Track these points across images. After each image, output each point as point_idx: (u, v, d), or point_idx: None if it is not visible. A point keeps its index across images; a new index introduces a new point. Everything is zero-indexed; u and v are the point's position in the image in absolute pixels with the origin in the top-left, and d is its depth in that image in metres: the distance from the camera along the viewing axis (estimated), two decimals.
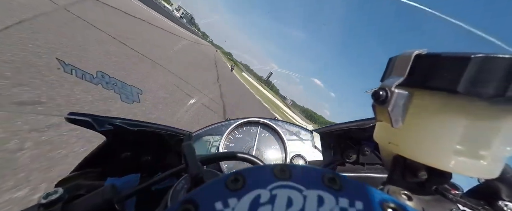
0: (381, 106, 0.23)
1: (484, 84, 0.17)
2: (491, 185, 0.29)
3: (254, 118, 0.67)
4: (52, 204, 0.26)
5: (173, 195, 0.28)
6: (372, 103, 0.25)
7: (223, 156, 0.39)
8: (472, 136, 0.19)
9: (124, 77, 2.95)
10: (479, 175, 0.22)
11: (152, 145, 0.61)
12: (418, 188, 0.25)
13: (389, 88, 0.22)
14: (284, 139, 0.62)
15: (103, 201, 0.27)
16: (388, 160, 0.27)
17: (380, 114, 0.25)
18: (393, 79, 0.22)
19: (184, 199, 0.15)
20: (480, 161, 0.19)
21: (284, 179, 0.16)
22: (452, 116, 0.19)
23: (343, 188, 0.16)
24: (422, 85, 0.20)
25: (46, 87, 1.80)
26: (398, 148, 0.23)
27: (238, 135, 0.65)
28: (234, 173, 0.17)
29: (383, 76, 0.25)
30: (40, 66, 2.03)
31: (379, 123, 0.27)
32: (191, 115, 3.34)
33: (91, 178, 0.54)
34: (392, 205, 0.15)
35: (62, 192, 0.28)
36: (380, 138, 0.26)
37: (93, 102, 2.09)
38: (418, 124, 0.21)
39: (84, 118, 0.47)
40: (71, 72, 0.37)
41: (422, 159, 0.21)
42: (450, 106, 0.19)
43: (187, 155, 0.27)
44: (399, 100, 0.21)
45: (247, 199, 0.15)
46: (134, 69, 3.65)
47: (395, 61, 0.23)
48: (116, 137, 0.56)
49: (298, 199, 0.15)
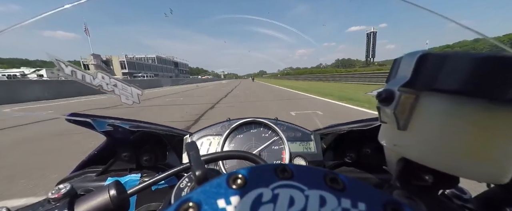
0: (385, 107, 0.22)
1: (493, 85, 0.16)
2: (500, 191, 0.28)
3: (254, 119, 0.66)
4: (60, 199, 0.27)
5: (176, 193, 0.28)
6: (377, 104, 0.24)
7: (225, 155, 0.39)
8: (481, 139, 0.18)
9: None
10: (487, 180, 0.21)
11: (152, 145, 0.61)
12: (423, 191, 0.24)
13: (393, 89, 0.21)
14: (284, 140, 0.62)
15: (110, 197, 0.28)
16: (393, 162, 0.26)
17: (385, 115, 0.24)
18: (397, 80, 0.22)
19: (187, 197, 0.15)
20: (489, 165, 0.19)
21: (286, 178, 0.16)
22: (460, 118, 0.18)
23: (345, 189, 0.16)
24: (427, 87, 0.19)
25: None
26: (403, 150, 0.23)
27: (239, 135, 0.65)
28: (236, 172, 0.17)
29: (388, 77, 0.25)
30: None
31: (384, 124, 0.26)
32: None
33: (91, 178, 0.54)
34: (395, 207, 0.15)
35: (70, 187, 0.29)
36: (385, 140, 0.26)
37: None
38: (424, 127, 0.20)
39: (84, 119, 0.47)
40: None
41: (429, 163, 0.21)
42: (458, 108, 0.18)
43: (191, 153, 0.26)
44: (404, 102, 0.21)
45: (249, 197, 0.15)
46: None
47: (400, 62, 0.23)
48: (116, 138, 0.56)
49: (300, 199, 0.15)
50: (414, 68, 0.20)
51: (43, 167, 2.22)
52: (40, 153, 2.68)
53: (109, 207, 0.27)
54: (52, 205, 0.27)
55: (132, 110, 5.48)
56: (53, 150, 2.80)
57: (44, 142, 3.17)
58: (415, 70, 0.20)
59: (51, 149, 2.82)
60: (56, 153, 2.68)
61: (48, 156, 2.56)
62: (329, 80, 31.18)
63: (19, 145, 3.05)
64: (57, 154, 2.64)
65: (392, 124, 0.23)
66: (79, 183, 0.53)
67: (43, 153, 2.66)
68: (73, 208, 0.27)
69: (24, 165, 2.29)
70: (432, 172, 0.22)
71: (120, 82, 0.47)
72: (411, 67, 0.20)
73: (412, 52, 0.21)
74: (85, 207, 0.27)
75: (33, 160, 2.44)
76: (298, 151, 0.62)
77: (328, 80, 31.43)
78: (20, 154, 2.67)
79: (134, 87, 0.48)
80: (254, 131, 0.66)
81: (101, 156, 0.58)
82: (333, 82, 27.49)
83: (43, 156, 2.57)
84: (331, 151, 0.67)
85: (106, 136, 0.55)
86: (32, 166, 2.26)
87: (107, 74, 0.45)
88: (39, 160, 2.43)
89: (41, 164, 2.32)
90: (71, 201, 0.27)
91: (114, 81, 0.46)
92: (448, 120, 0.19)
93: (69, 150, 2.74)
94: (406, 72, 0.21)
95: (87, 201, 0.28)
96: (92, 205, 0.27)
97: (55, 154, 2.63)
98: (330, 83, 26.74)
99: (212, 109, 6.04)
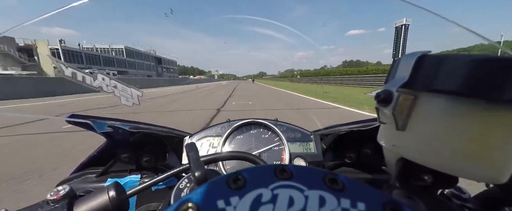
0: (384, 108, 0.23)
1: (491, 86, 0.16)
2: (499, 191, 0.28)
3: (254, 119, 0.66)
4: (59, 200, 0.27)
5: (176, 194, 0.28)
6: (375, 105, 0.24)
7: (225, 156, 0.39)
8: (479, 139, 0.18)
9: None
10: (486, 180, 0.21)
11: (152, 147, 0.61)
12: (423, 191, 0.25)
13: (392, 90, 0.22)
14: (284, 140, 0.62)
15: (109, 198, 0.28)
16: (392, 162, 0.26)
17: (384, 116, 0.24)
18: (396, 81, 0.22)
19: (186, 198, 0.15)
20: (487, 165, 0.19)
21: (285, 179, 0.16)
22: (458, 119, 0.19)
23: (345, 189, 0.16)
24: (426, 88, 0.20)
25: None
26: (402, 151, 0.23)
27: (239, 136, 0.65)
28: (235, 172, 0.17)
29: (386, 79, 0.25)
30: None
31: (382, 125, 0.26)
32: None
33: (91, 179, 0.54)
34: (395, 207, 0.15)
35: (69, 189, 0.29)
36: (384, 140, 0.26)
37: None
38: (423, 127, 0.21)
39: (84, 120, 0.47)
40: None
41: (428, 163, 0.21)
42: (456, 109, 0.19)
43: (191, 154, 0.27)
44: (403, 103, 0.21)
45: (249, 198, 0.15)
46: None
47: (398, 63, 0.23)
48: (116, 139, 0.56)
49: (299, 199, 0.15)
50: (413, 69, 0.20)
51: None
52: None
53: (108, 208, 0.28)
54: (51, 207, 0.27)
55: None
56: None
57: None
58: (413, 71, 0.20)
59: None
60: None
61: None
62: (336, 84, 26.23)
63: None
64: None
65: (391, 124, 0.23)
66: (78, 184, 0.52)
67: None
68: (72, 209, 0.27)
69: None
70: (431, 172, 0.23)
71: (120, 83, 0.47)
72: (410, 68, 0.21)
73: (411, 53, 0.21)
74: (84, 208, 0.27)
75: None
76: (298, 151, 0.62)
77: (336, 83, 26.58)
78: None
79: (134, 89, 0.48)
80: (254, 132, 0.66)
81: (101, 157, 0.58)
82: (346, 86, 21.18)
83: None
84: (330, 152, 0.67)
85: (106, 137, 0.55)
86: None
87: (107, 76, 0.46)
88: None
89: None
90: (70, 203, 0.27)
91: (114, 82, 0.46)
92: (447, 120, 0.19)
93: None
94: (405, 73, 0.21)
95: (86, 202, 0.28)
96: (91, 206, 0.27)
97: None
98: (343, 87, 21.29)
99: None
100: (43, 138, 3.19)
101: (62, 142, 2.98)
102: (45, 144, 2.89)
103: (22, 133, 3.46)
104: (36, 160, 2.31)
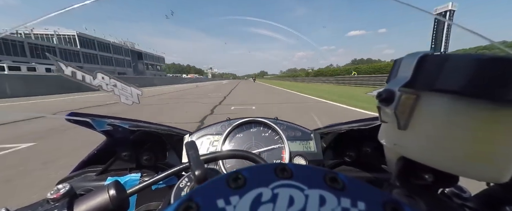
0: (386, 107, 0.23)
1: (494, 86, 0.16)
2: (500, 190, 0.28)
3: (254, 118, 0.66)
4: (59, 199, 0.27)
5: (176, 192, 0.28)
6: (377, 104, 0.24)
7: (225, 155, 0.38)
8: (481, 139, 0.18)
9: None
10: (487, 179, 0.21)
11: (152, 145, 0.61)
12: (423, 190, 0.25)
13: (394, 89, 0.22)
14: (284, 139, 0.62)
15: (110, 197, 0.28)
16: (393, 161, 0.26)
17: (385, 115, 0.24)
18: (398, 80, 0.22)
19: (186, 197, 0.15)
20: (489, 164, 0.19)
21: (285, 178, 0.16)
22: (459, 118, 0.19)
23: (345, 188, 0.16)
24: (428, 87, 0.19)
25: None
26: (403, 150, 0.23)
27: (239, 135, 0.65)
28: (235, 171, 0.17)
29: (388, 78, 0.25)
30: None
31: (384, 124, 0.26)
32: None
33: (91, 178, 0.54)
34: (395, 206, 0.15)
35: (69, 188, 0.28)
36: (385, 139, 0.26)
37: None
38: (424, 126, 0.21)
39: (84, 118, 0.47)
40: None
41: (429, 162, 0.21)
42: (458, 109, 0.18)
43: (190, 153, 0.26)
44: (405, 102, 0.21)
45: (249, 197, 0.15)
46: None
47: (400, 62, 0.23)
48: (116, 137, 0.56)
49: (299, 198, 0.15)
50: (415, 69, 0.20)
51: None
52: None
53: (109, 207, 0.27)
54: (51, 205, 0.27)
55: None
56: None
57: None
58: (415, 70, 0.20)
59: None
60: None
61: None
62: (350, 84, 22.44)
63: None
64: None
65: (393, 123, 0.23)
66: (78, 183, 0.52)
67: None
68: (72, 208, 0.27)
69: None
70: (431, 171, 0.22)
71: (120, 82, 0.47)
72: (412, 68, 0.20)
73: (413, 53, 0.21)
74: (85, 207, 0.27)
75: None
76: (298, 150, 0.62)
77: (345, 84, 23.58)
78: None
79: (134, 87, 0.48)
80: (254, 130, 0.66)
81: (101, 155, 0.58)
82: (363, 87, 18.01)
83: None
84: (331, 150, 0.67)
85: (106, 135, 0.55)
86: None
87: (107, 74, 0.45)
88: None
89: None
90: (70, 201, 0.27)
91: (114, 81, 0.46)
92: (449, 120, 0.19)
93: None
94: (407, 72, 0.21)
95: (86, 201, 0.28)
96: (92, 205, 0.27)
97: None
98: (356, 87, 18.66)
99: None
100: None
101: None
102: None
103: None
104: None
